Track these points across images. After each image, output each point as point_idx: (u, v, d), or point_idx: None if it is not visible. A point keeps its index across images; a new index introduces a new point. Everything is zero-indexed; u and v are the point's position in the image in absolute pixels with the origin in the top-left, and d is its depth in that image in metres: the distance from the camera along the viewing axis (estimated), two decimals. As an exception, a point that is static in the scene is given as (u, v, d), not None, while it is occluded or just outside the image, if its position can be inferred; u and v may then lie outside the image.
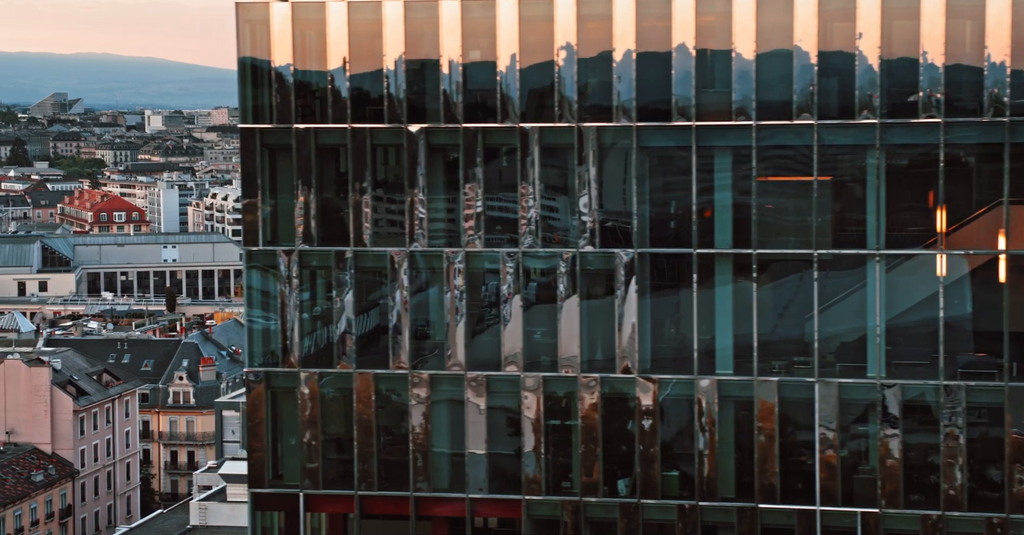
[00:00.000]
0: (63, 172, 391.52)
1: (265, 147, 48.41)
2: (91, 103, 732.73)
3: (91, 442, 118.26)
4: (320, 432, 48.45)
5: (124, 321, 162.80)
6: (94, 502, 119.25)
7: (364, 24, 47.30)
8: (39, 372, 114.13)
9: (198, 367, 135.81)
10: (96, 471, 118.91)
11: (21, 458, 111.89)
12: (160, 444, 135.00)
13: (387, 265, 47.82)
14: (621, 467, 47.11)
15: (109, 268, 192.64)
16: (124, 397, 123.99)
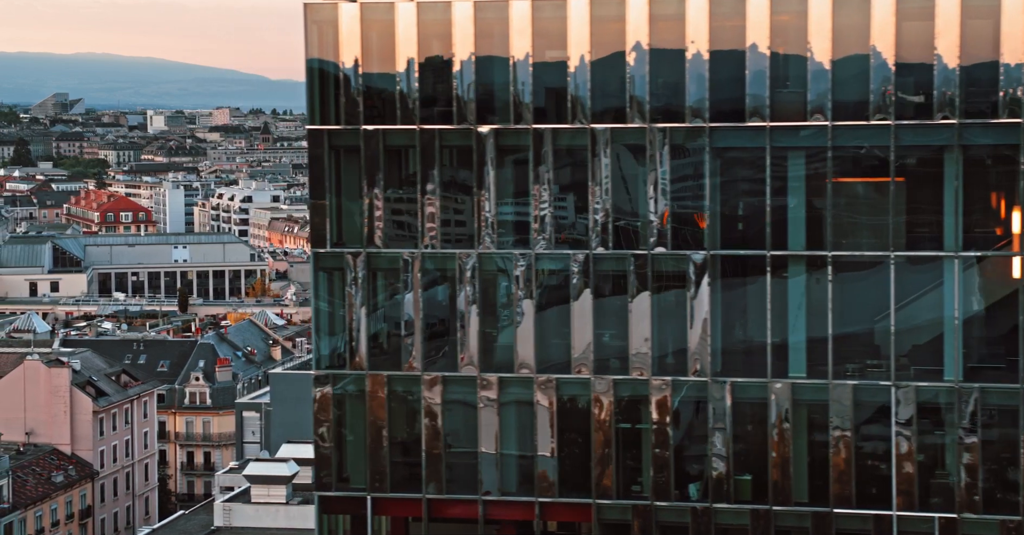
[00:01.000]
0: (67, 172, 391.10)
1: (333, 148, 47.99)
2: (91, 103, 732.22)
3: (110, 443, 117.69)
4: (387, 435, 48.10)
5: (138, 321, 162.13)
6: (113, 503, 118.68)
7: (433, 24, 46.99)
8: (59, 373, 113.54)
9: (214, 368, 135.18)
10: (115, 472, 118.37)
11: (41, 459, 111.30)
12: (176, 445, 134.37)
13: (454, 267, 47.47)
14: (692, 471, 46.74)
15: (120, 268, 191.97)
16: (143, 398, 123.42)
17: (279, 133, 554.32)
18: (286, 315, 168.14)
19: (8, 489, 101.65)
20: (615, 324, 46.73)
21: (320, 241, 48.19)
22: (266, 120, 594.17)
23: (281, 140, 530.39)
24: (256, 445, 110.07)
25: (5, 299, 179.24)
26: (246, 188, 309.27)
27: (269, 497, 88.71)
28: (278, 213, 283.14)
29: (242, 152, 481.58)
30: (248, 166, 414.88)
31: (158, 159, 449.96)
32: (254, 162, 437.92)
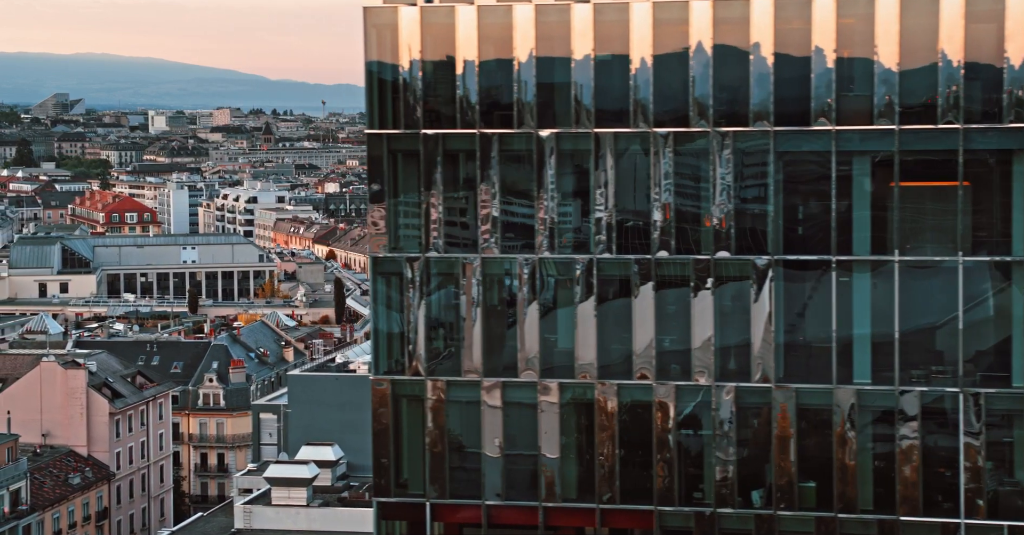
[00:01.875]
0: (70, 173, 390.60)
1: (391, 152, 47.66)
2: (91, 103, 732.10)
3: (126, 444, 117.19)
4: (446, 441, 47.83)
5: (149, 323, 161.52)
6: (129, 505, 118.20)
7: (494, 28, 46.64)
8: (75, 374, 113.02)
9: (228, 369, 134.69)
10: (131, 473, 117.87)
11: (58, 461, 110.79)
12: (190, 446, 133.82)
13: (514, 272, 47.14)
14: (755, 477, 46.28)
15: (129, 269, 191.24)
16: (158, 399, 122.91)
17: (280, 133, 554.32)
18: (296, 316, 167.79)
19: (26, 491, 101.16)
20: (676, 329, 46.40)
21: (378, 246, 47.91)
22: (267, 121, 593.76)
23: (283, 140, 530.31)
24: (273, 447, 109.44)
25: (15, 300, 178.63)
26: (251, 189, 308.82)
27: (290, 499, 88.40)
28: (283, 214, 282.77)
29: (244, 152, 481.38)
30: (251, 166, 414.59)
31: (160, 159, 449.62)
32: (257, 162, 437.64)
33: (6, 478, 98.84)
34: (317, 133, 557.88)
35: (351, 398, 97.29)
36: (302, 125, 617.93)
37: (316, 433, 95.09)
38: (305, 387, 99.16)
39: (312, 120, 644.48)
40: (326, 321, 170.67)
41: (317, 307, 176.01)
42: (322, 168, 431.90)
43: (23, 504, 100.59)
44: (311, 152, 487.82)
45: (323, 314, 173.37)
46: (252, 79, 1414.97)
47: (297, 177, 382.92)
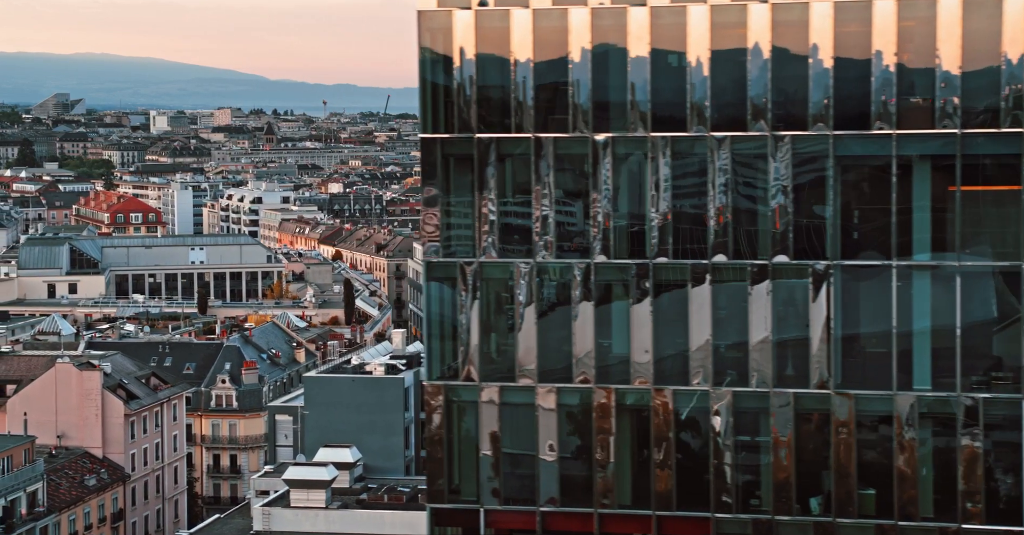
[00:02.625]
0: (73, 173, 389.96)
1: (445, 157, 47.31)
2: (91, 103, 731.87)
3: (141, 446, 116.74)
4: (501, 447, 47.54)
5: (160, 324, 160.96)
6: (144, 506, 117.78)
7: (549, 31, 46.29)
8: (90, 376, 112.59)
9: (240, 370, 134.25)
10: (145, 475, 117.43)
11: (73, 462, 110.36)
12: (203, 447, 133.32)
13: (569, 277, 46.77)
14: (813, 485, 45.87)
15: (137, 270, 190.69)
16: (172, 401, 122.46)
17: (281, 133, 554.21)
18: (306, 317, 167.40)
19: (43, 492, 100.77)
20: (733, 334, 46.11)
21: (432, 251, 47.65)
22: (269, 121, 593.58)
23: (285, 140, 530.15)
24: (288, 448, 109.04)
25: (24, 301, 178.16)
26: (255, 189, 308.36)
27: (309, 501, 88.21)
28: (288, 214, 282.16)
29: (247, 153, 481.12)
30: (254, 167, 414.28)
31: (162, 160, 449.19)
32: (260, 163, 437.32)
33: (23, 480, 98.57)
34: (319, 133, 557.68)
35: (367, 399, 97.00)
36: (303, 125, 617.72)
37: (332, 434, 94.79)
38: (321, 388, 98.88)
39: (313, 120, 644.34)
40: (335, 322, 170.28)
41: (326, 308, 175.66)
42: (325, 168, 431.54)
43: (40, 505, 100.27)
44: (313, 152, 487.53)
45: (332, 315, 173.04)
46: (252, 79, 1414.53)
47: (300, 177, 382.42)
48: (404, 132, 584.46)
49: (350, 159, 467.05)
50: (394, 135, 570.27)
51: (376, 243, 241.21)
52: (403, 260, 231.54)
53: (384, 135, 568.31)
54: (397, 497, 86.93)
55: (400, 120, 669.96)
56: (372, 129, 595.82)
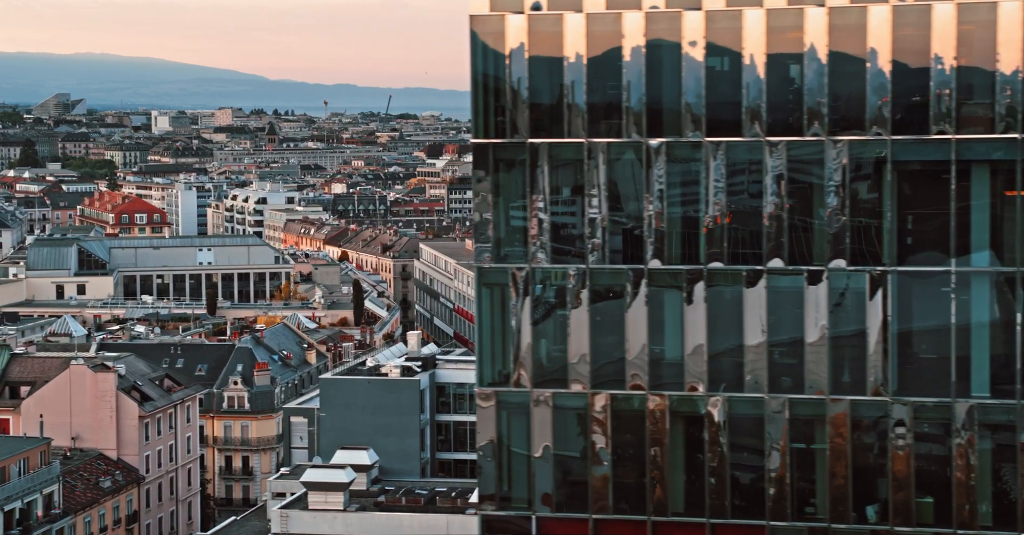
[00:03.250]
0: (77, 173, 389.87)
1: (497, 162, 47.05)
2: (91, 103, 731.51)
3: (155, 448, 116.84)
4: (552, 454, 47.15)
5: (171, 325, 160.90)
6: (158, 508, 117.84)
7: (602, 35, 46.03)
8: (105, 378, 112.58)
9: (252, 372, 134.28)
10: (159, 477, 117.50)
11: (88, 464, 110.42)
12: (215, 449, 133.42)
13: (621, 282, 46.49)
14: (869, 492, 45.55)
15: (145, 271, 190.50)
16: (186, 402, 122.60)
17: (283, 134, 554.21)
18: (315, 318, 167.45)
19: (59, 494, 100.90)
20: (788, 341, 45.74)
21: (484, 256, 47.43)
22: (271, 121, 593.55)
23: (287, 141, 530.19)
24: (303, 450, 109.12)
25: (32, 302, 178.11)
26: (260, 190, 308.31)
27: (327, 504, 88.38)
28: (293, 215, 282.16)
29: (249, 153, 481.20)
30: (256, 167, 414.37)
31: (164, 160, 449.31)
32: (262, 163, 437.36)
33: (40, 482, 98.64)
34: (321, 133, 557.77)
35: (383, 401, 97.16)
36: (305, 125, 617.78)
37: (348, 436, 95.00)
38: (337, 390, 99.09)
39: (314, 120, 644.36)
40: (345, 323, 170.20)
41: (335, 309, 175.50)
42: (327, 169, 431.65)
43: (56, 508, 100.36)
44: (315, 152, 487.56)
45: (341, 316, 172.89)
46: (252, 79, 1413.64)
47: (303, 178, 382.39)
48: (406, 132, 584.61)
49: (352, 159, 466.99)
50: (396, 135, 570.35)
51: (382, 244, 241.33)
52: (409, 261, 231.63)
53: (386, 135, 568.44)
54: (415, 499, 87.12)
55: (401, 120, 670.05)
56: (374, 129, 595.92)
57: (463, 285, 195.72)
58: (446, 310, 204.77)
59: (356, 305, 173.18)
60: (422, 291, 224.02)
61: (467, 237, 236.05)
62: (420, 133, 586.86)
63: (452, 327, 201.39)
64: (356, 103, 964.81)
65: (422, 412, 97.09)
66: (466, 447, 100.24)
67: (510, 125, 46.81)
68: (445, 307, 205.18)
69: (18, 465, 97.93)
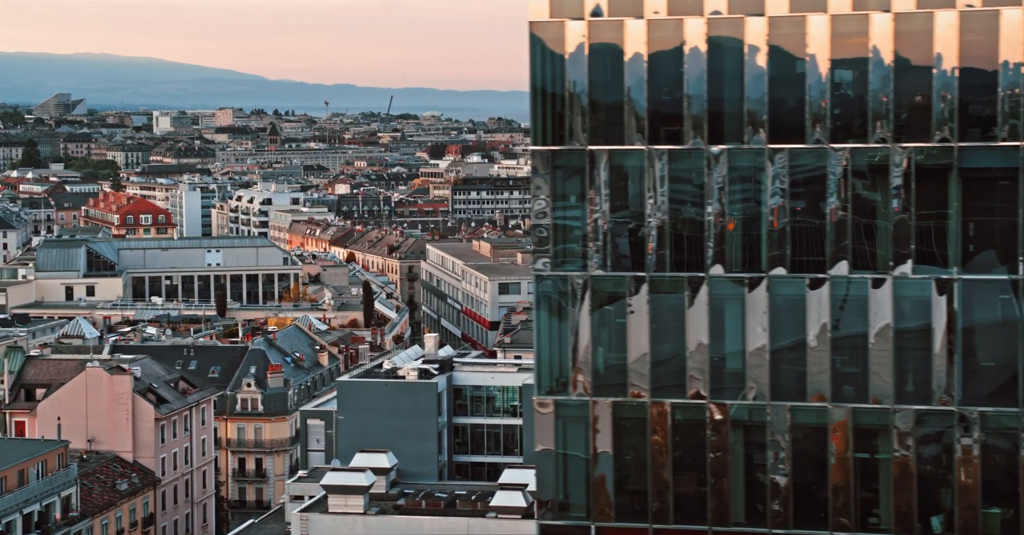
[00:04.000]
0: (80, 174, 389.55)
1: (556, 169, 46.66)
2: (91, 103, 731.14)
3: (171, 450, 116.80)
4: (612, 462, 46.69)
5: (182, 327, 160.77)
6: (173, 510, 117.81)
7: (663, 42, 45.73)
8: (121, 380, 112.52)
9: (266, 374, 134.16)
10: (175, 479, 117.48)
11: (104, 467, 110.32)
12: (228, 451, 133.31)
13: (681, 290, 46.11)
14: (935, 503, 45.15)
15: (154, 272, 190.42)
16: (201, 405, 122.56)
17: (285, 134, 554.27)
18: (326, 319, 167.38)
19: (76, 497, 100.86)
20: (853, 350, 45.27)
21: (543, 263, 46.96)
22: (272, 121, 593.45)
23: (289, 141, 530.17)
24: (320, 453, 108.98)
25: (42, 303, 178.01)
26: (265, 190, 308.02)
27: (347, 507, 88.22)
28: (299, 216, 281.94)
29: (251, 153, 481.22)
30: (259, 168, 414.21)
31: (167, 160, 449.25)
32: (265, 164, 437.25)
33: (58, 484, 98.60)
34: (323, 134, 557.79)
35: (401, 404, 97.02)
36: (306, 126, 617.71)
37: (365, 439, 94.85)
38: (354, 393, 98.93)
39: (315, 121, 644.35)
40: (355, 324, 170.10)
41: (345, 310, 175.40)
42: (330, 169, 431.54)
43: (74, 510, 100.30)
44: (317, 153, 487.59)
45: (351, 317, 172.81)
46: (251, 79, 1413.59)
47: (306, 178, 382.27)
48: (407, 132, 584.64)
49: (355, 160, 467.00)
50: (398, 136, 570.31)
51: (388, 245, 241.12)
52: (416, 262, 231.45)
53: (388, 136, 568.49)
54: (435, 502, 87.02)
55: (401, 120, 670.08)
56: (375, 130, 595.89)
57: (471, 286, 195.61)
58: (453, 311, 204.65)
59: (366, 307, 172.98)
60: (429, 292, 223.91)
61: (473, 238, 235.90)
62: (422, 133, 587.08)
63: (460, 328, 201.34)
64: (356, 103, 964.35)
65: (439, 415, 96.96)
66: (483, 450, 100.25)
67: (569, 132, 46.46)
68: (452, 308, 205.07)
69: (36, 468, 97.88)
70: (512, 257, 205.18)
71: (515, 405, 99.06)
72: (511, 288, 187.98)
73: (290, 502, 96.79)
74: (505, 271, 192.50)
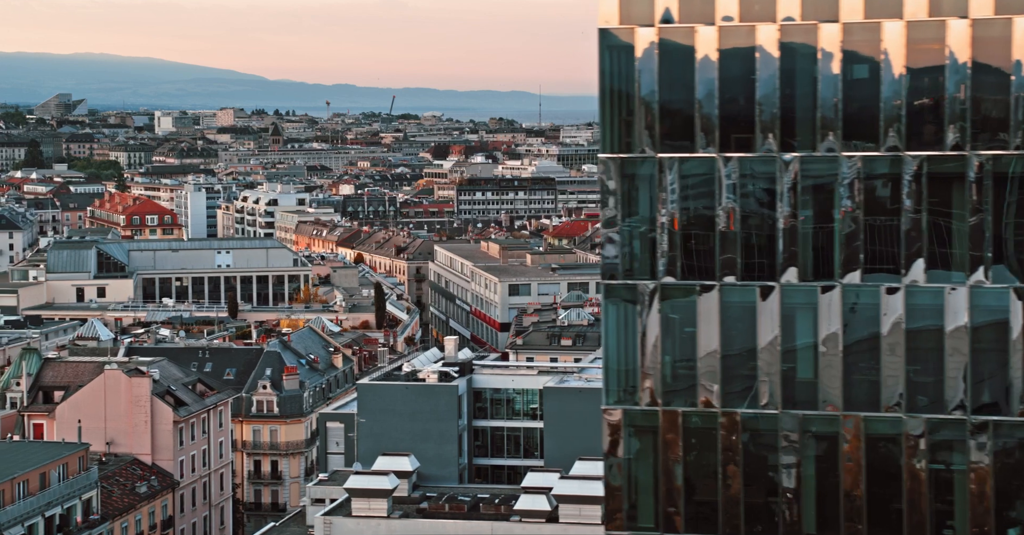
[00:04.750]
0: (84, 174, 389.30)
1: (626, 177, 46.30)
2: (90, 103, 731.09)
3: (189, 453, 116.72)
4: (681, 472, 46.29)
5: (196, 329, 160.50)
6: (191, 513, 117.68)
7: (735, 49, 45.27)
8: (139, 383, 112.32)
9: (281, 376, 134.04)
10: (193, 482, 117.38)
11: (123, 469, 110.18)
12: (243, 453, 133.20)
13: (752, 299, 45.67)
14: (1012, 515, 44.73)
15: (164, 274, 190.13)
16: (218, 407, 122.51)
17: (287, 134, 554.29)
18: (338, 321, 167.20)
19: (97, 500, 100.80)
20: (927, 360, 44.95)
21: (611, 272, 46.61)
22: (274, 122, 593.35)
23: (291, 141, 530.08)
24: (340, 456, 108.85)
25: (53, 305, 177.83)
26: (271, 191, 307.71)
27: (370, 511, 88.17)
28: (305, 216, 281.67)
29: (254, 154, 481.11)
30: (263, 168, 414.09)
31: (170, 161, 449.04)
32: (268, 164, 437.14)
33: (79, 487, 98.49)
34: (325, 134, 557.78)
35: (421, 407, 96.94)
36: (307, 126, 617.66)
37: (386, 442, 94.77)
38: (375, 396, 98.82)
39: (316, 121, 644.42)
40: (366, 326, 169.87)
41: (356, 312, 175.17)
42: (333, 169, 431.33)
43: (94, 513, 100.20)
44: (320, 153, 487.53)
45: (363, 319, 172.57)
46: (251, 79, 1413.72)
47: (309, 178, 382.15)
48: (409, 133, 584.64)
49: (358, 160, 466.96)
50: (400, 136, 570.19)
51: (396, 246, 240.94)
52: (423, 263, 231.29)
53: (390, 136, 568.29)
54: (458, 506, 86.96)
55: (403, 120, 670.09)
56: (378, 130, 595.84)
57: (481, 288, 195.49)
58: (463, 313, 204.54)
59: (378, 308, 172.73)
60: (437, 293, 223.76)
61: (481, 239, 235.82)
62: (423, 134, 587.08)
63: (469, 330, 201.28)
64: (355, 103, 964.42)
65: (460, 417, 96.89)
66: (503, 453, 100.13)
67: (638, 139, 46.12)
68: (462, 310, 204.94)
69: (58, 471, 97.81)
70: (521, 258, 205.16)
71: (535, 408, 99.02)
72: (521, 289, 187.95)
73: (311, 505, 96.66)
74: (515, 272, 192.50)
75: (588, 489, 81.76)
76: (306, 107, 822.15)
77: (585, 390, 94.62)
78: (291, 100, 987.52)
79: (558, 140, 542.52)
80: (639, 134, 46.18)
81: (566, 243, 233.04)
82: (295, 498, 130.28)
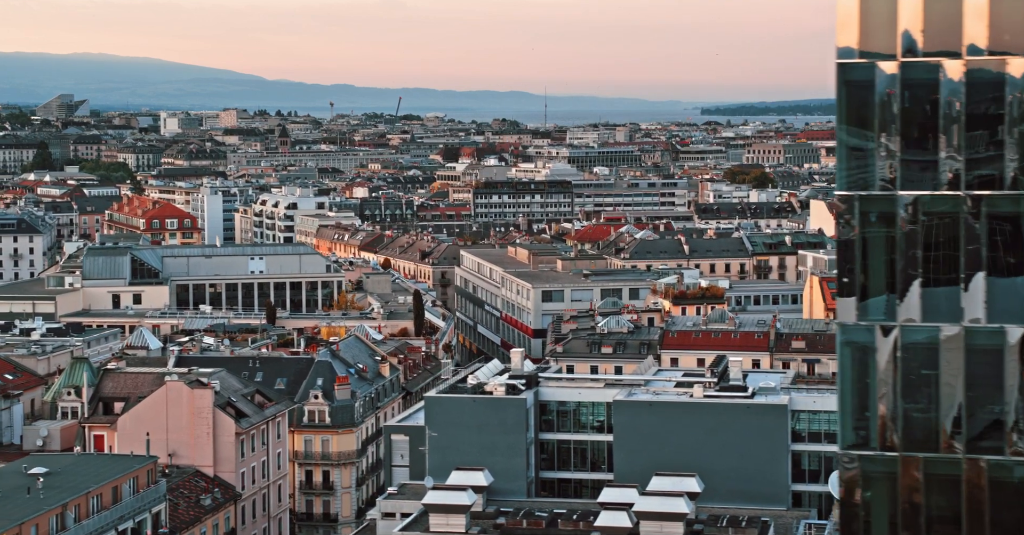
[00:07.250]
0: (97, 177, 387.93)
1: (864, 214, 44.80)
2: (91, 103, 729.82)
3: (250, 464, 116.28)
4: (922, 521, 44.81)
5: (240, 337, 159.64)
6: (252, 525, 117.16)
7: (983, 84, 43.52)
8: (202, 394, 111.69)
9: (333, 386, 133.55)
10: (254, 493, 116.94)
11: (187, 481, 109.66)
12: (295, 464, 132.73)
13: (1000, 342, 43.99)
14: None
15: (198, 280, 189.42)
16: (277, 418, 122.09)
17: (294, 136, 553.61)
18: (380, 329, 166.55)
19: (165, 513, 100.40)
20: None
21: (847, 313, 45.12)
22: (280, 123, 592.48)
23: (298, 143, 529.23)
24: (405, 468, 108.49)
25: (89, 312, 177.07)
26: (289, 194, 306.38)
27: (448, 526, 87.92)
28: (326, 220, 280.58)
29: (263, 156, 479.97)
30: (274, 170, 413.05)
31: (178, 163, 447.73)
32: (279, 166, 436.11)
33: (149, 501, 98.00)
34: (331, 135, 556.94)
35: (490, 420, 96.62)
36: (311, 127, 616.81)
37: (455, 455, 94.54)
38: (443, 409, 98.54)
39: (320, 122, 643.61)
40: (405, 333, 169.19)
41: (394, 319, 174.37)
42: (344, 171, 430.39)
43: (163, 526, 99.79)
44: (329, 155, 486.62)
45: (401, 326, 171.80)
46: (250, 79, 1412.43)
47: (321, 181, 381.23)
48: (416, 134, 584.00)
49: (367, 162, 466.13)
50: (407, 137, 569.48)
51: (420, 250, 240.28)
52: (448, 267, 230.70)
53: (397, 137, 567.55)
54: (536, 522, 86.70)
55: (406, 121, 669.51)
56: (384, 131, 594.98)
57: (511, 293, 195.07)
58: (492, 318, 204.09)
59: (416, 315, 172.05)
60: (464, 298, 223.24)
61: (506, 244, 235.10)
62: (429, 135, 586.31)
63: (499, 335, 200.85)
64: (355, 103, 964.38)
65: (527, 430, 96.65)
66: (569, 466, 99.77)
67: (879, 176, 44.70)
68: (491, 315, 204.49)
69: (129, 484, 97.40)
70: (552, 264, 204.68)
71: (601, 420, 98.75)
72: (554, 296, 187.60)
73: (381, 519, 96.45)
74: (547, 278, 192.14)
75: (669, 506, 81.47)
76: (306, 107, 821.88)
77: (656, 404, 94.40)
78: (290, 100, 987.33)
79: (564, 141, 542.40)
80: (878, 171, 44.86)
81: (589, 247, 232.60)
82: (347, 508, 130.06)
